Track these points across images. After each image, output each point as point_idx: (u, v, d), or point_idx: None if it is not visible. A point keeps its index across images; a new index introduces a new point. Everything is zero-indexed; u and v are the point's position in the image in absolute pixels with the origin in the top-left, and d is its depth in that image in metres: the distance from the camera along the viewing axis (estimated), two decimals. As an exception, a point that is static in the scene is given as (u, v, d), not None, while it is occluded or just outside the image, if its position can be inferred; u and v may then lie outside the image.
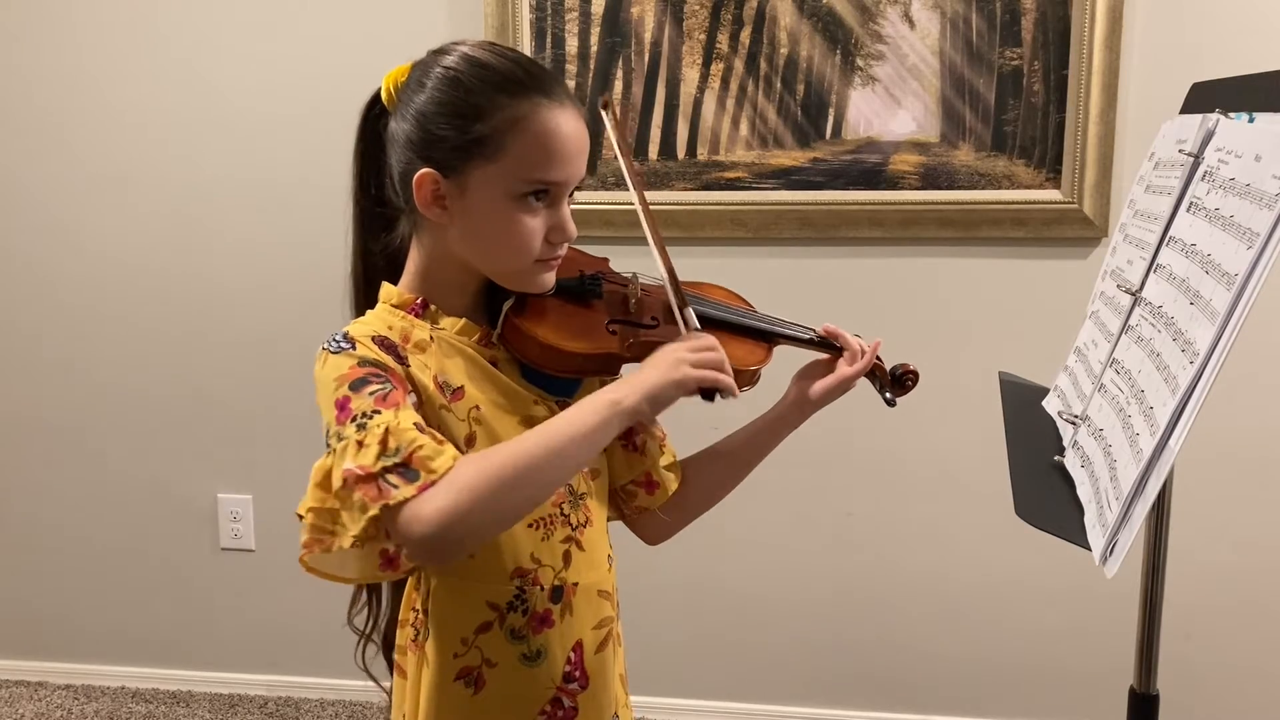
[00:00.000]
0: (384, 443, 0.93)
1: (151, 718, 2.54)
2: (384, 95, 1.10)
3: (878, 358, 1.26)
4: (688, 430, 1.29)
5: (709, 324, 1.18)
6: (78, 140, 2.47)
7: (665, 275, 1.13)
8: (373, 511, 0.92)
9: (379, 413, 0.95)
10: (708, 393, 1.04)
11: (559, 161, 1.03)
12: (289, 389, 2.46)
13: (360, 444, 0.94)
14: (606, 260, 1.22)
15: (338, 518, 0.95)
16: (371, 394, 0.97)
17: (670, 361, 1.02)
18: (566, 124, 1.03)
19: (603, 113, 1.20)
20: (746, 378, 1.16)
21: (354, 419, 0.96)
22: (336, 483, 0.94)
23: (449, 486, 0.91)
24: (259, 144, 2.40)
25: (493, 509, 0.93)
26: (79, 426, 2.58)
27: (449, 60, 1.05)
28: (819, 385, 1.21)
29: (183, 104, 2.41)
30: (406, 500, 0.91)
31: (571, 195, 1.08)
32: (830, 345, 1.24)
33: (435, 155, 1.03)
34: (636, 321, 1.15)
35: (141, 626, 2.65)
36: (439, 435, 0.97)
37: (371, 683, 1.25)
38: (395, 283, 1.12)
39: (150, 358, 2.53)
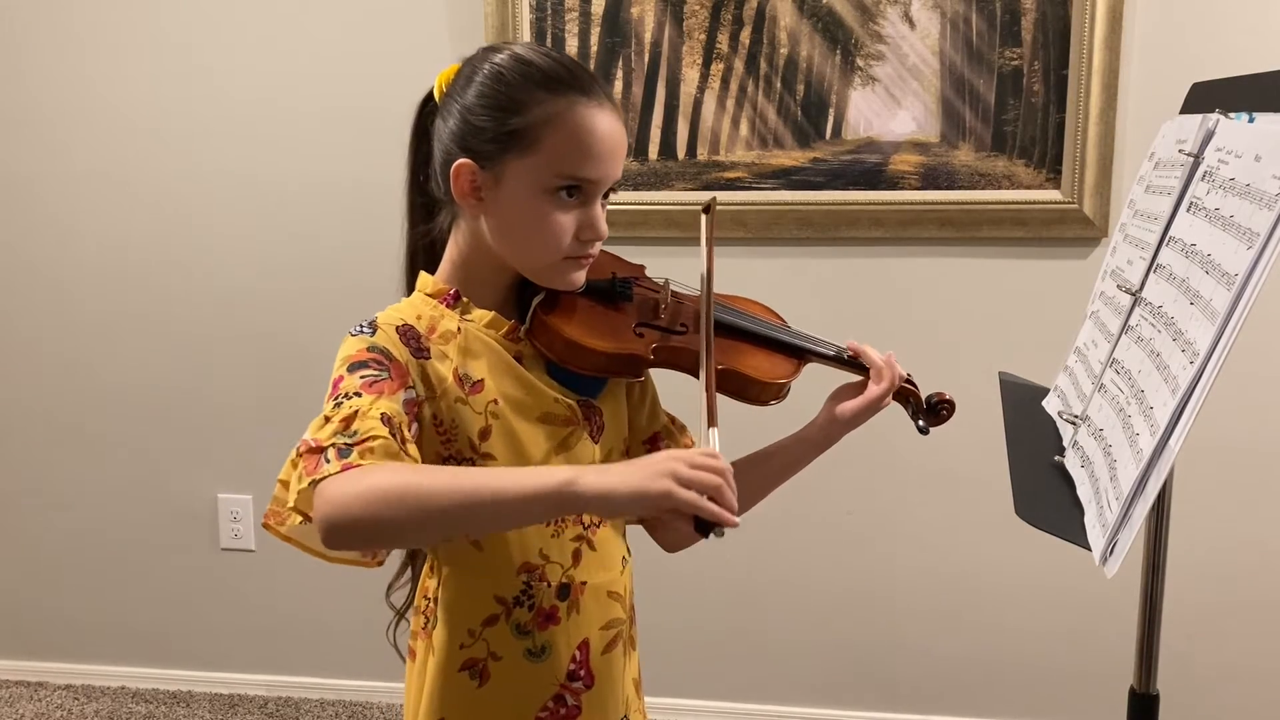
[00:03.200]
0: (346, 422, 0.94)
1: (151, 718, 2.54)
2: (436, 91, 1.12)
3: (912, 383, 1.25)
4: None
5: (738, 334, 1.19)
6: (77, 138, 2.47)
7: (705, 394, 1.04)
8: (303, 485, 0.92)
9: (359, 395, 0.97)
10: (701, 524, 0.87)
11: (593, 159, 1.04)
12: (290, 389, 2.46)
13: (326, 419, 0.96)
14: (643, 267, 1.23)
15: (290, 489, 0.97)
16: (363, 378, 0.99)
17: (657, 470, 0.87)
18: (603, 124, 1.05)
19: (703, 216, 1.20)
20: (772, 391, 1.16)
21: (336, 397, 0.98)
22: (294, 454, 0.96)
23: (358, 479, 0.89)
24: (260, 143, 2.40)
25: (381, 522, 0.88)
26: (79, 426, 2.58)
27: (497, 57, 1.07)
28: (847, 406, 1.20)
29: (183, 103, 2.41)
30: (328, 476, 0.90)
31: (607, 196, 1.09)
32: (859, 365, 1.23)
33: (473, 146, 1.06)
34: (665, 327, 1.15)
35: (141, 626, 2.65)
36: (407, 435, 0.98)
37: (372, 682, 1.25)
38: (434, 272, 1.13)
39: (150, 357, 2.53)
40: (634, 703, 1.21)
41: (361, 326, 1.05)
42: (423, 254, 1.16)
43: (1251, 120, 0.96)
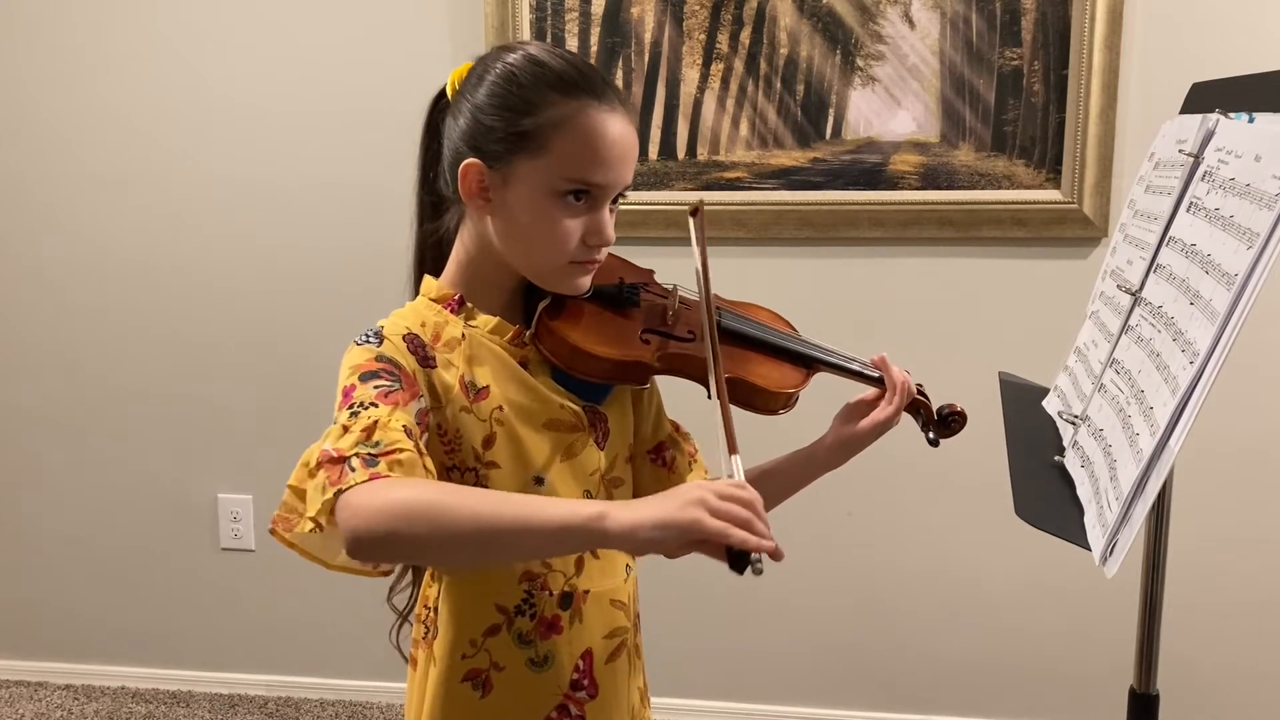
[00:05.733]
0: (368, 432, 0.92)
1: (151, 718, 2.54)
2: (448, 90, 1.11)
3: (924, 395, 1.25)
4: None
5: (746, 342, 1.17)
6: (78, 139, 2.46)
7: (721, 412, 1.01)
8: (328, 495, 0.89)
9: (375, 406, 0.95)
10: (736, 559, 0.83)
11: (602, 163, 1.04)
12: (290, 389, 2.46)
13: (345, 429, 0.93)
14: (652, 272, 1.21)
15: (305, 497, 0.94)
16: (376, 388, 0.97)
17: (687, 499, 0.84)
18: (614, 128, 1.04)
19: (690, 220, 1.19)
20: (780, 400, 1.15)
21: (351, 406, 0.96)
22: (313, 463, 0.93)
23: (385, 491, 0.87)
24: (260, 143, 2.40)
25: (405, 537, 0.86)
26: (79, 426, 2.58)
27: (510, 57, 1.06)
28: (859, 429, 1.20)
29: (183, 103, 2.41)
30: (354, 486, 0.88)
31: (616, 201, 1.08)
32: (871, 377, 1.22)
33: (483, 145, 1.05)
34: (671, 333, 1.13)
35: (141, 626, 2.65)
36: (423, 449, 0.96)
37: (372, 682, 1.24)
38: (439, 273, 1.12)
39: (150, 358, 2.53)
40: (639, 713, 1.20)
41: (367, 336, 1.03)
42: (430, 254, 1.15)
43: (1251, 120, 0.96)
